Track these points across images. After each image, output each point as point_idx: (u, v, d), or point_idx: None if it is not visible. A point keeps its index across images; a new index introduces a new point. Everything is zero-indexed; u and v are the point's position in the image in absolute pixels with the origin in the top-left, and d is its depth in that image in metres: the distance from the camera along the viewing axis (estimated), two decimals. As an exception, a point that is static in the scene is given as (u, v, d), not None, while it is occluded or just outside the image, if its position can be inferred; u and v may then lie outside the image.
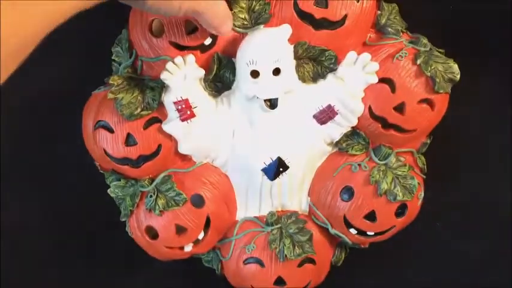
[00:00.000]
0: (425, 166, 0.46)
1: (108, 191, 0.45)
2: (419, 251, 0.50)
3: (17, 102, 0.45)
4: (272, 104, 0.40)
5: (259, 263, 0.45)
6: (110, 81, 0.42)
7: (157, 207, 0.44)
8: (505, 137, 0.48)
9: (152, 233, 0.45)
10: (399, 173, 0.44)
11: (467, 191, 0.49)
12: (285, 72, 0.40)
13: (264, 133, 0.42)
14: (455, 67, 0.42)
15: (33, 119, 0.46)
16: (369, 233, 0.45)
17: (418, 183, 0.45)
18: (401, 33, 0.43)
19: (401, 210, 0.45)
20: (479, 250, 0.50)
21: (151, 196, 0.44)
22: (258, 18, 0.41)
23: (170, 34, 0.40)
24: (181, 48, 0.41)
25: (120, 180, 0.45)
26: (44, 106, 0.46)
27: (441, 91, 0.42)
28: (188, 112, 0.41)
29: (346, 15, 0.40)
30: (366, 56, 0.41)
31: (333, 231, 0.46)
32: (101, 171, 0.45)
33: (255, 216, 0.46)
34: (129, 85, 0.42)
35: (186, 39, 0.40)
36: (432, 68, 0.42)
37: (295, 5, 0.40)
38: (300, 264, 0.46)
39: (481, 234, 0.50)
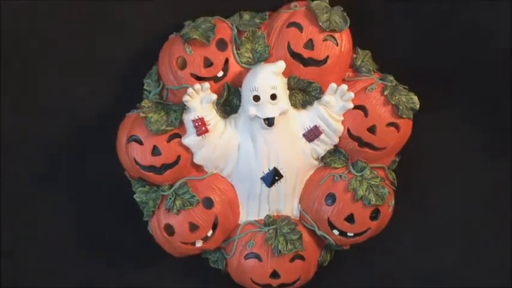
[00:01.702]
0: (395, 181, 0.56)
1: (134, 196, 0.55)
2: (390, 256, 0.59)
3: (65, 121, 0.56)
4: (270, 122, 0.51)
5: (258, 257, 0.54)
6: (142, 104, 0.53)
7: (175, 207, 0.53)
8: (466, 160, 0.58)
9: (169, 231, 0.54)
10: (373, 182, 0.54)
11: (434, 205, 0.59)
12: (280, 97, 0.51)
13: (263, 147, 0.53)
14: (415, 98, 0.53)
15: (77, 135, 0.57)
16: (349, 233, 0.54)
17: (388, 192, 0.54)
18: (372, 73, 0.54)
19: (375, 214, 0.54)
20: (446, 256, 0.59)
21: (170, 198, 0.54)
22: (259, 57, 0.52)
23: (191, 67, 0.52)
24: (199, 78, 0.52)
25: (144, 187, 0.55)
26: (86, 125, 0.57)
27: (404, 116, 0.53)
28: (203, 128, 0.52)
29: (328, 56, 0.52)
30: (344, 86, 0.52)
31: (319, 232, 0.55)
32: (129, 179, 0.55)
33: (254, 220, 0.56)
34: (156, 107, 0.53)
35: (203, 71, 0.52)
36: (396, 98, 0.53)
37: (289, 46, 0.52)
38: (292, 260, 0.54)
39: (447, 244, 0.59)
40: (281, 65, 0.51)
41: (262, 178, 0.54)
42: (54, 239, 0.59)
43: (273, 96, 0.50)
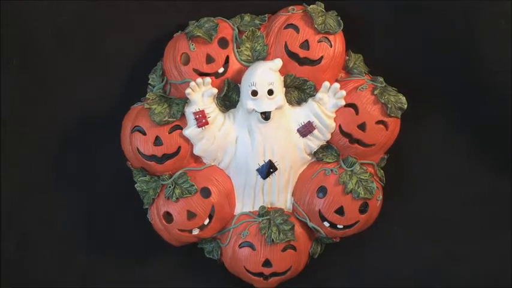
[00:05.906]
0: (384, 178, 0.59)
1: (135, 185, 0.58)
2: (379, 251, 0.62)
3: (74, 112, 0.59)
4: (266, 116, 0.54)
5: (251, 246, 0.57)
6: (147, 96, 0.56)
7: (174, 195, 0.56)
8: (451, 160, 0.61)
9: (168, 218, 0.57)
10: (362, 177, 0.57)
11: (422, 201, 0.62)
12: (277, 93, 0.54)
13: (259, 140, 0.56)
14: (403, 99, 0.56)
15: (85, 126, 0.60)
16: (338, 226, 0.57)
17: (377, 187, 0.57)
18: (364, 74, 0.58)
19: (363, 207, 0.57)
20: (434, 251, 0.61)
21: (169, 187, 0.56)
22: (258, 55, 0.56)
23: (194, 63, 0.55)
24: (201, 74, 0.55)
25: (145, 176, 0.58)
26: (95, 117, 0.60)
27: (392, 115, 0.56)
28: (204, 120, 0.55)
29: (322, 56, 0.55)
30: (336, 85, 0.55)
31: (310, 224, 0.58)
32: (132, 169, 0.58)
33: (249, 211, 0.58)
34: (160, 100, 0.56)
35: (205, 67, 0.55)
36: (385, 97, 0.56)
37: (286, 46, 0.55)
38: (284, 249, 0.57)
39: (435, 238, 0.62)
40: (278, 62, 0.54)
41: (258, 170, 0.56)
42: (56, 232, 0.61)
43: (270, 92, 0.54)
